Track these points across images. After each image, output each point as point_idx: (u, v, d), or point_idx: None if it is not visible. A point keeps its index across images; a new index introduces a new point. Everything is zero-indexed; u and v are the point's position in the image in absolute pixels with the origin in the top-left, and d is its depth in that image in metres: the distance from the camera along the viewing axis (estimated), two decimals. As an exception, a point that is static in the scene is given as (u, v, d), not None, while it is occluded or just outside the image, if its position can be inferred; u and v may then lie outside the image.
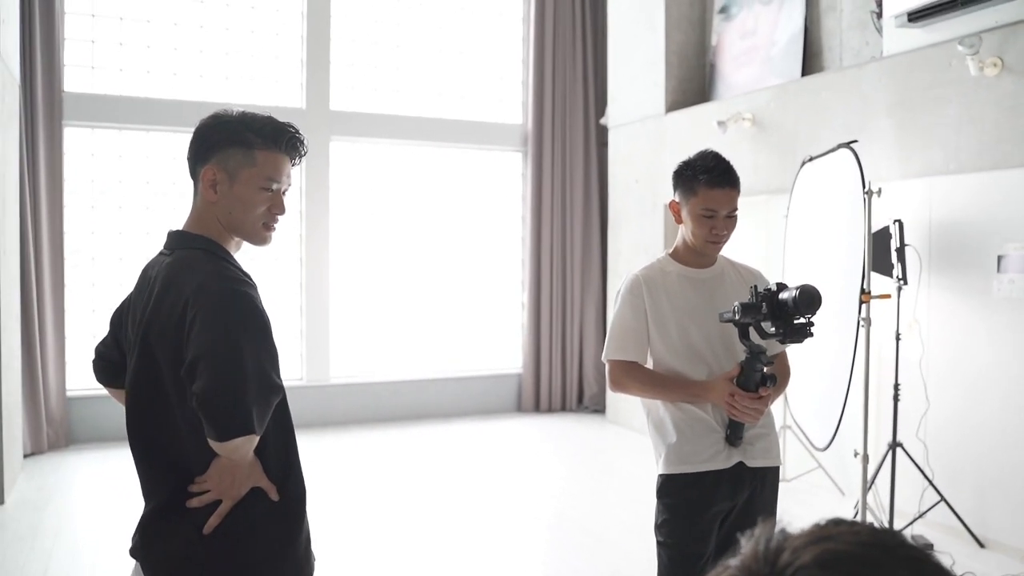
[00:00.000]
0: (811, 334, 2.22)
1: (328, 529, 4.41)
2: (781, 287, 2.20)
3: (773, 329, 2.21)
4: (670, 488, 2.38)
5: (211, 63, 6.87)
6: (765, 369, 2.25)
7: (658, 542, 2.41)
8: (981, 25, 4.06)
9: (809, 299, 2.14)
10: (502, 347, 7.88)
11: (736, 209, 2.40)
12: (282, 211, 1.80)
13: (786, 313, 2.17)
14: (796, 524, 0.61)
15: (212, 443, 1.61)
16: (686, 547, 2.35)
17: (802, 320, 2.18)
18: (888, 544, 0.57)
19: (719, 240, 2.41)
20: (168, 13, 6.74)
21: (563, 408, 7.75)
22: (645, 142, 6.81)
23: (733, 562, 0.59)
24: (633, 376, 2.39)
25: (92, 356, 1.98)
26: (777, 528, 0.59)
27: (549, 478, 5.79)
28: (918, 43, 4.48)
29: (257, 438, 1.64)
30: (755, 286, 2.22)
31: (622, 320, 2.42)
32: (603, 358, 2.45)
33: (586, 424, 7.26)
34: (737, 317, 2.19)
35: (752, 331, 2.24)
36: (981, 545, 4.23)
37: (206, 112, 1.83)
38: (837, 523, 0.60)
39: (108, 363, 1.94)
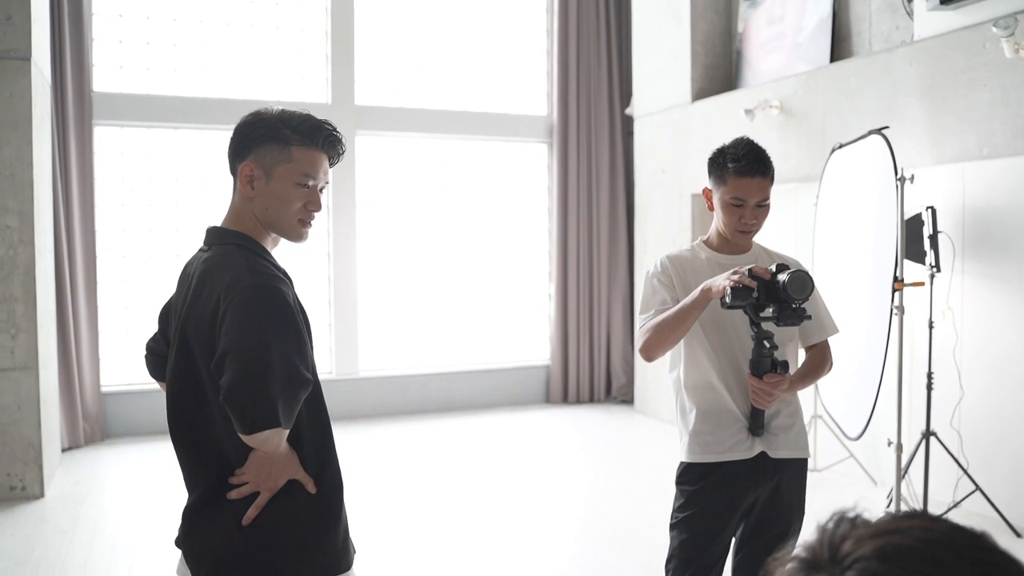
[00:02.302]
0: (808, 317, 2.22)
1: (362, 520, 4.44)
2: (780, 269, 2.18)
3: (768, 311, 2.19)
4: (690, 476, 2.38)
5: (237, 60, 6.91)
6: (775, 355, 2.23)
7: (671, 524, 2.41)
8: (1016, 6, 3.99)
9: (800, 283, 2.14)
10: (530, 339, 7.89)
11: (767, 199, 2.38)
12: (318, 208, 1.81)
13: (780, 297, 2.16)
14: (868, 512, 0.60)
15: (241, 436, 1.64)
16: (697, 533, 2.34)
17: (797, 304, 2.17)
18: (961, 545, 0.55)
19: (749, 229, 2.39)
20: (194, 11, 6.79)
21: (591, 399, 7.74)
22: (671, 132, 6.77)
23: (804, 543, 0.58)
24: (649, 330, 2.32)
25: (144, 352, 2.02)
26: (851, 514, 0.58)
27: (578, 470, 5.79)
28: (950, 26, 4.41)
29: (285, 431, 1.66)
30: (750, 268, 2.19)
31: (651, 292, 2.40)
32: (636, 330, 2.43)
33: (615, 415, 7.25)
34: (728, 300, 2.17)
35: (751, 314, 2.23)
36: (1018, 535, 4.18)
37: (233, 109, 1.86)
38: (912, 516, 0.58)
39: (159, 358, 1.97)
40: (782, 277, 2.15)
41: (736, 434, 2.33)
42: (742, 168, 2.32)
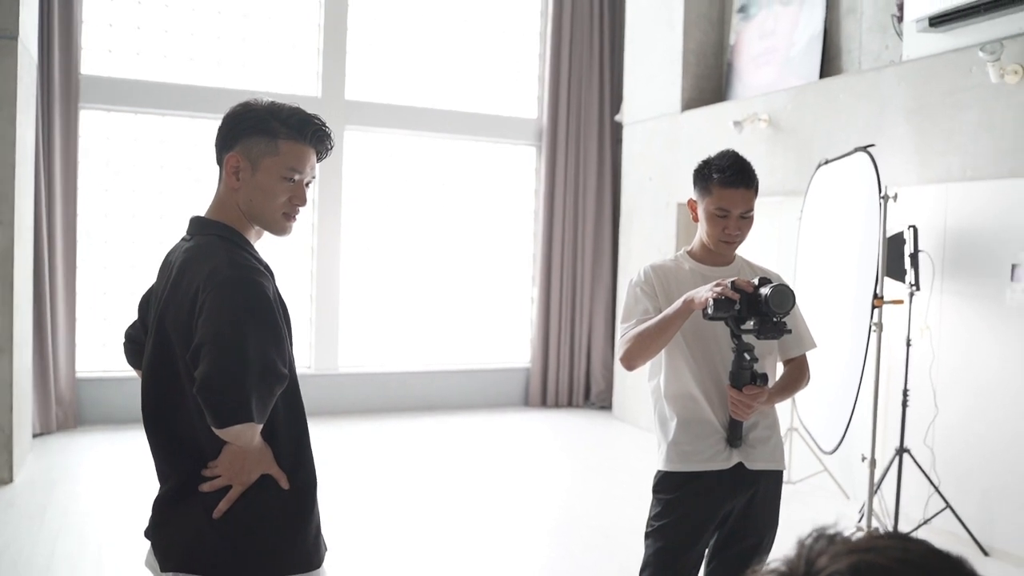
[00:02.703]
0: (788, 331, 2.24)
1: (336, 518, 4.42)
2: (762, 283, 2.20)
3: (749, 324, 2.21)
4: (667, 484, 2.38)
5: (228, 49, 6.87)
6: (755, 368, 2.25)
7: (646, 533, 2.41)
8: (1003, 32, 4.04)
9: (782, 297, 2.15)
10: (511, 341, 7.89)
11: (751, 210, 2.39)
12: (303, 202, 1.80)
13: (762, 310, 2.18)
14: (847, 530, 0.61)
15: (213, 429, 1.62)
16: (673, 542, 2.35)
17: (778, 318, 2.19)
18: (936, 569, 0.55)
19: (732, 240, 2.40)
20: (186, -2, 6.75)
21: (570, 404, 7.75)
22: (660, 140, 6.79)
23: (780, 557, 0.58)
24: (631, 339, 2.33)
25: (122, 339, 2.00)
26: (830, 531, 0.58)
27: (555, 474, 5.79)
28: (938, 48, 4.45)
29: (258, 427, 1.65)
30: (732, 281, 2.21)
31: (633, 300, 2.40)
32: (617, 338, 2.42)
33: (592, 420, 7.26)
34: (710, 312, 2.18)
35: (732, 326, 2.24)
36: (985, 553, 4.21)
37: (222, 98, 1.85)
38: (891, 536, 0.58)
39: (137, 346, 1.95)
40: (764, 291, 2.17)
41: (715, 445, 2.34)
42: (727, 179, 2.34)
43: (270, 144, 1.74)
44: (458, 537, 4.40)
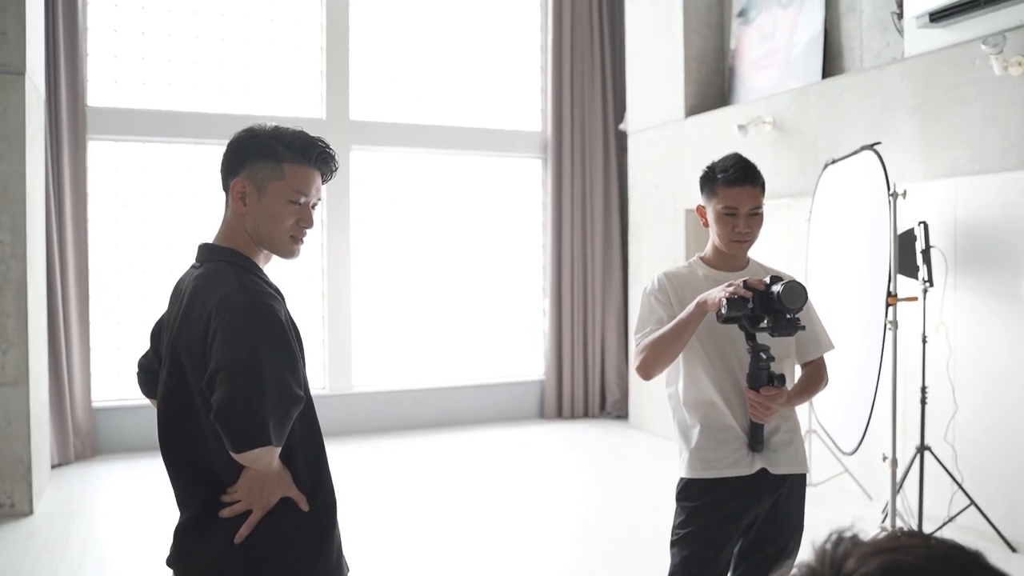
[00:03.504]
0: (802, 327, 2.24)
1: (356, 538, 4.41)
2: (774, 281, 2.20)
3: (764, 323, 2.21)
4: (690, 492, 2.37)
5: (232, 75, 6.93)
6: (772, 368, 2.24)
7: (672, 541, 2.40)
8: (1004, 24, 4.03)
9: (794, 294, 2.15)
10: (524, 354, 7.88)
11: (760, 207, 2.39)
12: (310, 225, 1.81)
13: (775, 307, 2.17)
14: (865, 531, 0.60)
15: (232, 454, 1.62)
16: (699, 550, 2.33)
17: (791, 315, 2.19)
18: (962, 563, 0.56)
19: (744, 239, 2.40)
20: (189, 27, 6.80)
21: (585, 414, 7.72)
22: (665, 147, 6.79)
23: (802, 562, 0.58)
24: (646, 347, 2.32)
25: (135, 369, 2.00)
26: (848, 533, 0.58)
27: (573, 485, 5.77)
28: (940, 43, 4.44)
29: (277, 449, 1.65)
30: (744, 280, 2.21)
31: (648, 309, 2.40)
32: (632, 348, 2.42)
33: (609, 430, 7.24)
34: (724, 311, 2.18)
35: (748, 327, 2.24)
36: (1013, 549, 4.17)
37: (228, 124, 1.86)
38: (912, 535, 0.58)
39: (150, 375, 1.95)
40: (776, 288, 2.17)
41: (737, 450, 2.33)
42: (731, 177, 2.35)
43: (275, 168, 1.75)
44: (478, 551, 4.38)
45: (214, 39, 6.87)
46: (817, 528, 0.61)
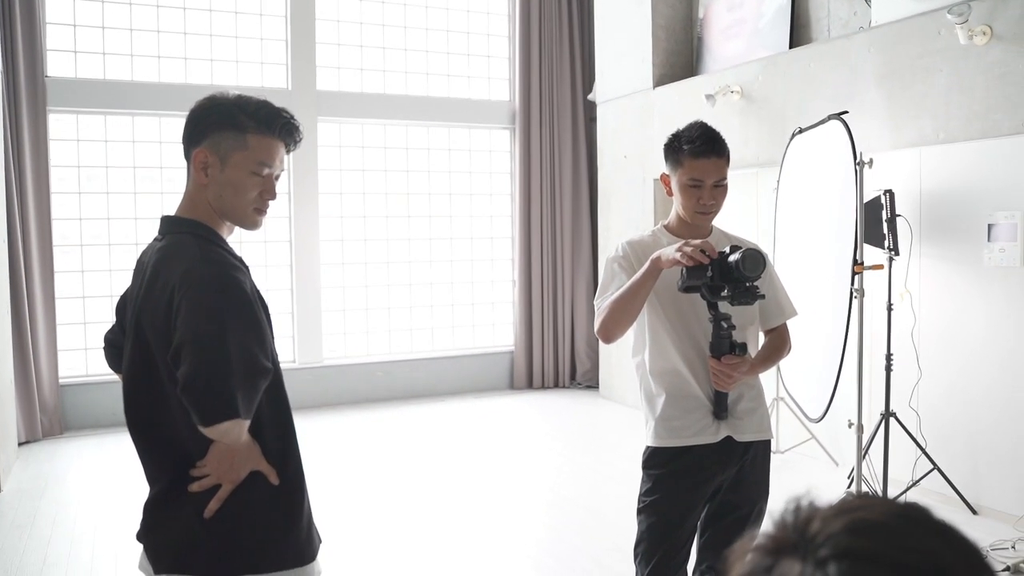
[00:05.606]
0: (761, 296, 2.25)
1: (328, 509, 4.42)
2: (733, 250, 2.21)
3: (724, 292, 2.22)
4: (656, 460, 2.39)
5: (195, 46, 6.79)
6: (734, 337, 2.26)
7: (638, 509, 2.42)
8: (969, -7, 4.04)
9: (752, 262, 2.16)
10: (494, 325, 7.89)
11: (724, 179, 2.39)
12: (273, 196, 1.78)
13: (734, 276, 2.18)
14: (820, 498, 0.62)
15: (200, 428, 1.61)
16: (665, 517, 2.36)
17: (750, 283, 2.20)
18: (917, 517, 0.58)
19: (708, 211, 2.40)
20: (150, -5, 6.65)
21: (556, 384, 7.77)
22: (633, 117, 6.78)
23: (762, 531, 0.59)
24: (605, 309, 2.33)
25: (102, 343, 1.98)
26: (806, 500, 0.60)
27: (544, 455, 5.81)
28: (907, 12, 4.46)
29: (246, 422, 1.63)
30: (704, 240, 2.22)
31: (610, 275, 2.40)
32: (596, 309, 2.41)
33: (579, 400, 7.29)
34: (683, 281, 2.19)
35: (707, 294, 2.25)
36: (974, 512, 4.27)
37: (191, 95, 1.81)
38: (865, 496, 0.60)
39: (117, 350, 1.92)
40: (734, 256, 2.18)
41: (702, 419, 2.35)
42: (697, 149, 2.34)
43: (238, 139, 1.72)
44: (450, 522, 4.41)
45: (176, 8, 6.73)
46: (786, 494, 0.62)
